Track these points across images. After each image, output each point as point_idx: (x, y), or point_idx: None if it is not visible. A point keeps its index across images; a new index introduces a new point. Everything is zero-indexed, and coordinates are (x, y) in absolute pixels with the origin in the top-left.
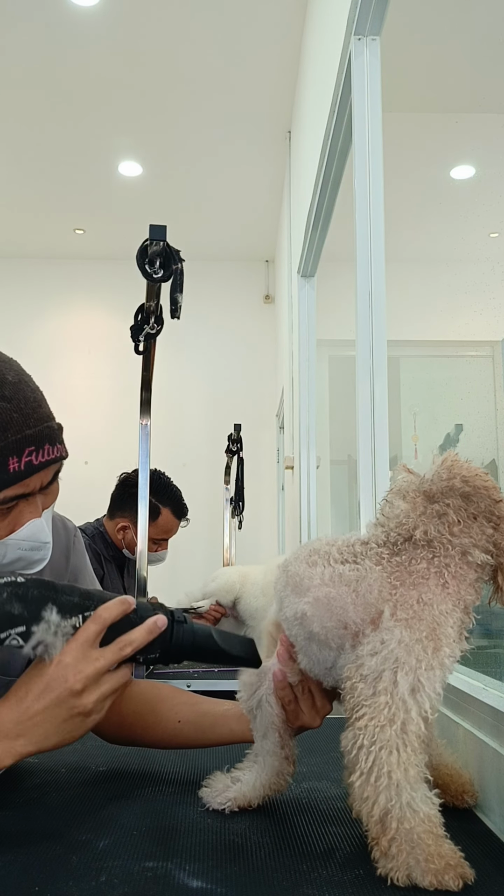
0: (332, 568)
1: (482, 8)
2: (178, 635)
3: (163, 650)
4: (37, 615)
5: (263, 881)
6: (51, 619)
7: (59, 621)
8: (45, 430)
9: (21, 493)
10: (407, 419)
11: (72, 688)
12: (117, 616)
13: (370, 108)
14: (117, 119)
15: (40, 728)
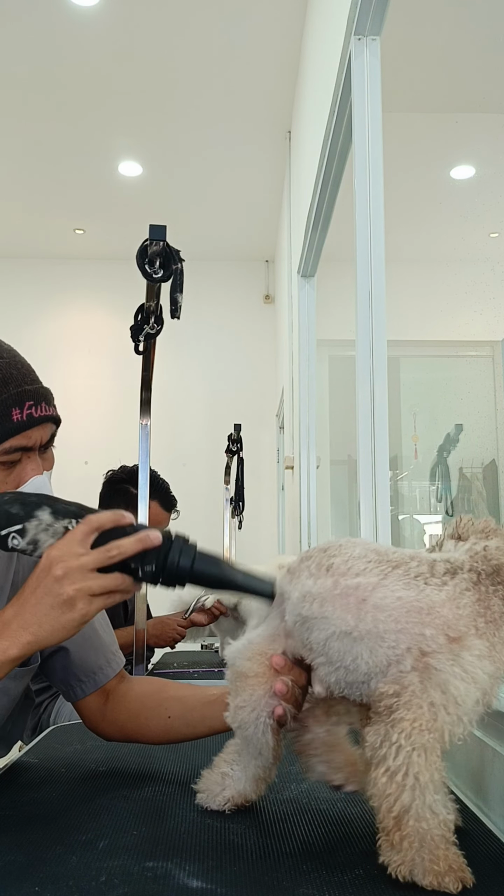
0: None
1: (482, 8)
2: (175, 553)
3: (159, 566)
4: (31, 514)
5: (263, 881)
6: (43, 518)
7: (52, 521)
8: (41, 388)
9: (24, 445)
10: (407, 419)
11: (54, 574)
12: (108, 523)
13: (370, 108)
14: (117, 119)
15: (32, 616)
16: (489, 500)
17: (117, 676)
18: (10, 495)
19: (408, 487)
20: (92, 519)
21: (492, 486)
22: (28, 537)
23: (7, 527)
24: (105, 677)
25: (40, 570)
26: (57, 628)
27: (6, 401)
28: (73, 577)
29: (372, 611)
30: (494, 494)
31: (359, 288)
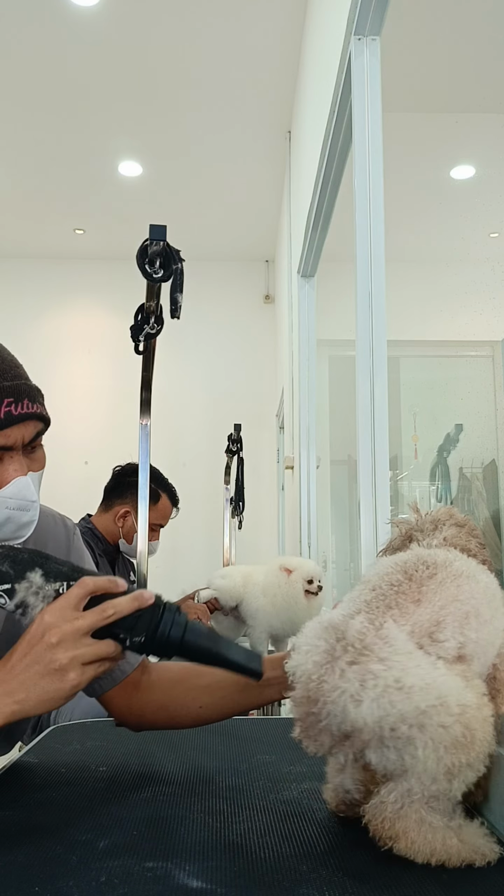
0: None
1: (482, 8)
2: (167, 623)
3: (149, 636)
4: (22, 574)
5: (263, 881)
6: (34, 580)
7: (43, 584)
8: (22, 385)
9: (2, 445)
10: (407, 419)
11: (47, 641)
12: (102, 587)
13: (370, 108)
14: (117, 119)
15: (20, 685)
16: (489, 500)
17: (139, 668)
18: (3, 550)
19: (408, 487)
20: (87, 582)
21: (492, 486)
22: (17, 599)
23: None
24: (122, 673)
25: (31, 636)
26: (45, 699)
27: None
28: (67, 645)
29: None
30: (494, 494)
31: (359, 288)
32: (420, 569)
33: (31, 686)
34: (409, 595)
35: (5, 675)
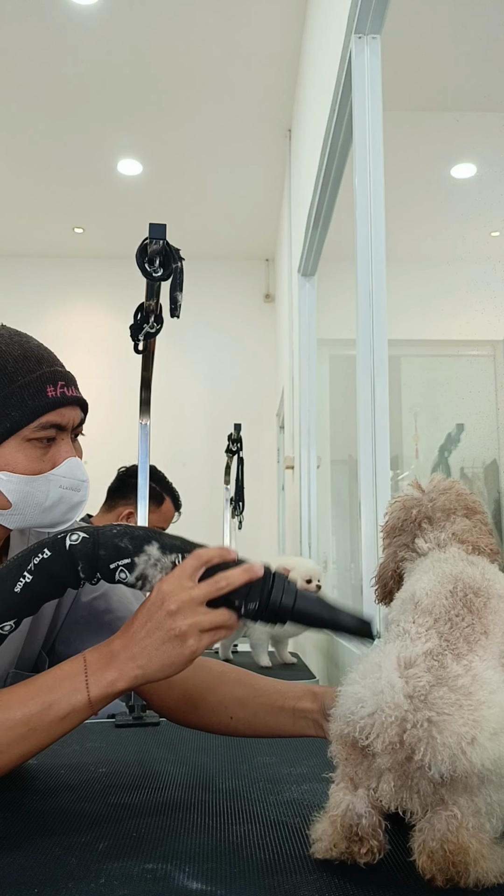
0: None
1: (482, 6)
2: (279, 590)
3: (262, 604)
4: (140, 548)
5: (264, 883)
6: (152, 553)
7: (160, 556)
8: (70, 374)
9: (58, 423)
10: (408, 419)
11: (167, 608)
12: (215, 558)
13: (370, 106)
14: (117, 117)
15: (143, 651)
16: (490, 500)
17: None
18: (119, 528)
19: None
20: (201, 553)
21: (493, 486)
22: (136, 572)
23: (116, 560)
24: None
25: (151, 604)
26: (166, 664)
27: (41, 377)
28: (186, 612)
29: None
30: (496, 494)
31: (359, 287)
32: (471, 598)
33: (152, 652)
34: (476, 628)
35: (128, 641)
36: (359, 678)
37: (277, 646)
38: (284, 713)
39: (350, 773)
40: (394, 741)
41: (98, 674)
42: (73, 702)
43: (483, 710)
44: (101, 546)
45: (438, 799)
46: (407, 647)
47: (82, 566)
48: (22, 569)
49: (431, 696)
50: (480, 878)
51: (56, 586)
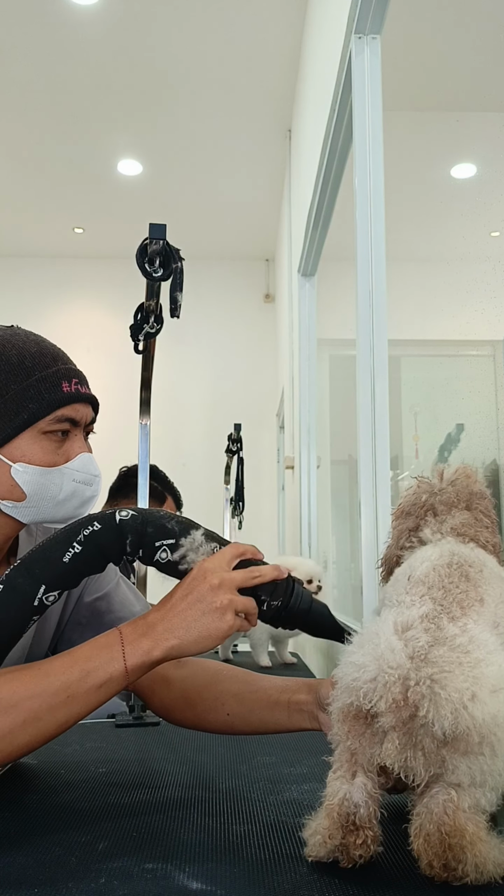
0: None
1: (482, 6)
2: (300, 594)
3: (284, 604)
4: (186, 532)
5: (263, 883)
6: (196, 537)
7: (203, 542)
8: (83, 374)
9: (72, 417)
10: (408, 419)
11: (210, 582)
12: (248, 552)
13: (371, 106)
14: (117, 117)
15: (181, 621)
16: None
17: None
18: (164, 512)
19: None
20: (239, 546)
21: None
22: (179, 552)
23: (162, 539)
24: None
25: (193, 579)
26: (204, 636)
27: (57, 373)
28: (227, 589)
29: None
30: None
31: (359, 287)
32: (466, 568)
33: (192, 622)
34: (471, 594)
35: (166, 612)
36: (357, 648)
37: (277, 646)
38: (280, 707)
39: (352, 748)
40: (398, 699)
41: (135, 644)
42: (111, 670)
43: (482, 668)
44: (149, 524)
45: (440, 760)
46: (402, 613)
47: (131, 539)
48: (71, 540)
49: (431, 654)
50: (479, 864)
51: (101, 559)
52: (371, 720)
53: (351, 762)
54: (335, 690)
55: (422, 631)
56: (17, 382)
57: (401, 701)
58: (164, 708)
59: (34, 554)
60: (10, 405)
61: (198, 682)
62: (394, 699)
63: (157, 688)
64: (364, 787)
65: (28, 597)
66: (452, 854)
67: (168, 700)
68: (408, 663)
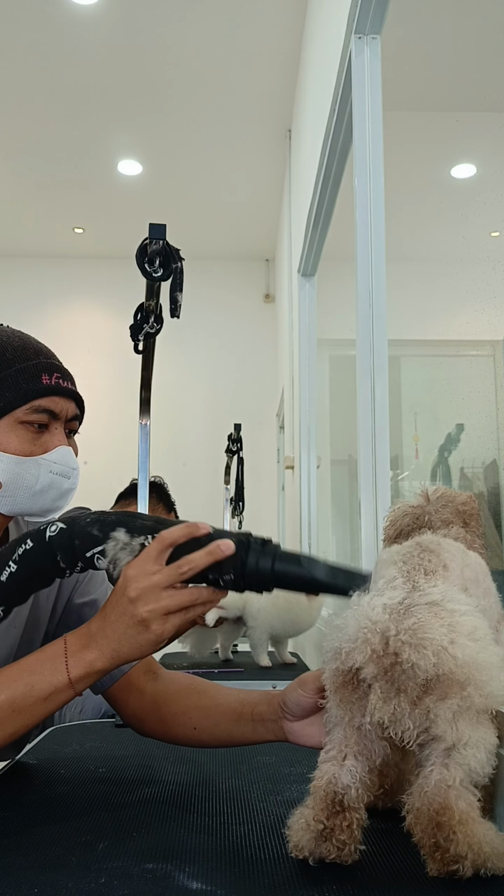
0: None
1: (482, 6)
2: (253, 558)
3: (238, 573)
4: (108, 535)
5: (263, 883)
6: (119, 537)
7: (128, 540)
8: (67, 370)
9: (50, 409)
10: (408, 419)
11: (128, 596)
12: (181, 537)
13: (370, 106)
14: (117, 117)
15: (113, 633)
16: (490, 500)
17: (146, 672)
18: (92, 516)
19: (408, 487)
20: (164, 535)
21: (493, 486)
22: (108, 557)
23: (91, 548)
24: (119, 671)
25: (118, 590)
26: (135, 647)
27: (37, 366)
28: (146, 598)
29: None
30: (495, 495)
31: (359, 287)
32: (426, 543)
33: (121, 636)
34: (434, 562)
35: (102, 623)
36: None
37: (277, 646)
38: (244, 720)
39: (346, 716)
40: (377, 649)
41: (78, 655)
42: (55, 682)
43: (456, 617)
44: (76, 536)
45: (425, 711)
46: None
47: (61, 556)
48: (7, 559)
49: (409, 609)
50: (472, 845)
51: (40, 576)
52: (358, 683)
53: (342, 745)
54: (326, 663)
55: (398, 590)
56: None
57: (380, 650)
58: (136, 719)
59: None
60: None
61: (167, 696)
62: (373, 650)
63: (131, 699)
64: (353, 769)
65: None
66: (442, 833)
67: (140, 711)
68: (386, 617)
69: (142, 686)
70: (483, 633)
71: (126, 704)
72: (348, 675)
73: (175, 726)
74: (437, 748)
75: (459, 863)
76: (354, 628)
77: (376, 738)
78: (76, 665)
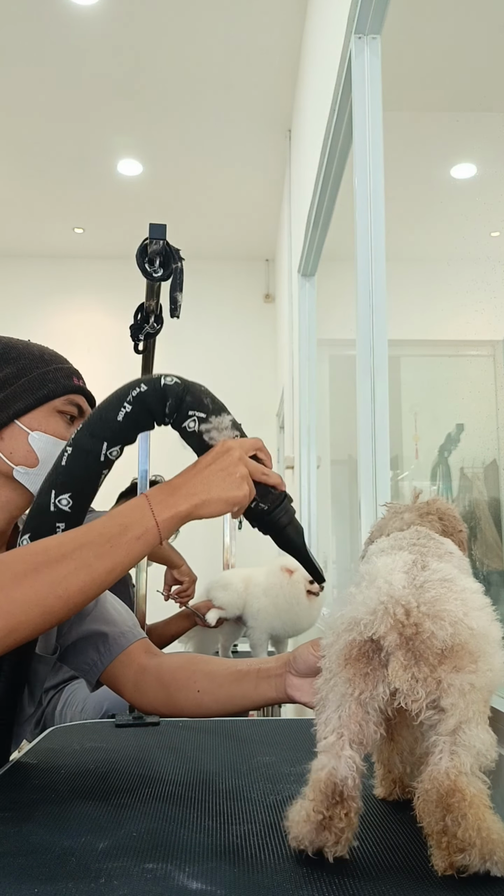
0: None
1: (482, 6)
2: (285, 508)
3: (269, 510)
4: (218, 412)
5: (263, 883)
6: (225, 420)
7: (229, 426)
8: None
9: (80, 405)
10: (408, 419)
11: (234, 455)
12: (264, 450)
13: (370, 106)
14: (117, 118)
15: (204, 484)
16: (490, 500)
17: (146, 652)
18: (205, 388)
19: (408, 487)
20: (259, 441)
21: (493, 486)
22: (206, 426)
23: (194, 409)
24: (119, 647)
25: (216, 453)
26: (223, 498)
27: (69, 369)
28: (246, 465)
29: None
30: (495, 495)
31: (359, 287)
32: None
33: (213, 486)
34: (443, 549)
35: (190, 477)
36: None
37: (277, 646)
38: (248, 677)
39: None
40: (401, 619)
41: (162, 502)
42: (146, 524)
43: (466, 594)
44: (189, 392)
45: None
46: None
47: (171, 402)
48: (122, 401)
49: (425, 584)
50: (482, 829)
51: (148, 417)
52: (373, 655)
53: (341, 728)
54: (328, 638)
55: (415, 567)
56: (38, 368)
57: (403, 620)
58: (138, 691)
59: (92, 417)
60: (33, 383)
61: (173, 665)
62: (396, 619)
63: (132, 673)
64: (351, 760)
65: (96, 454)
66: (451, 816)
67: (142, 683)
68: (407, 592)
69: (143, 663)
70: (490, 610)
71: (127, 679)
72: (364, 646)
73: (179, 690)
74: (444, 730)
75: (467, 851)
76: (375, 601)
77: (375, 714)
78: (161, 510)
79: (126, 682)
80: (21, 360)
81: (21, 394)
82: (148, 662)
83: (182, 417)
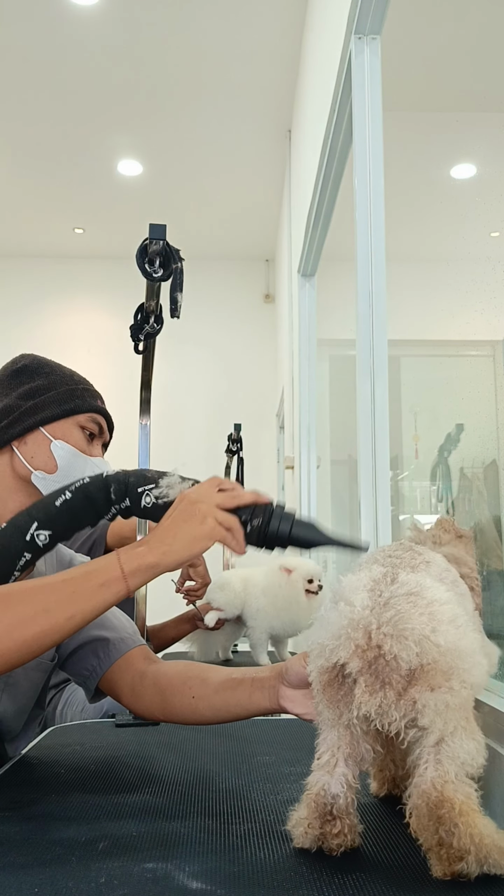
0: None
1: (482, 6)
2: (280, 516)
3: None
4: (161, 475)
5: (263, 883)
6: (174, 478)
7: (180, 480)
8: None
9: (101, 425)
10: (408, 419)
11: (190, 499)
12: (226, 483)
13: (370, 106)
14: (117, 118)
15: (169, 533)
16: (490, 500)
17: (145, 658)
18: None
19: (408, 487)
20: (215, 476)
21: (492, 486)
22: (159, 491)
23: (143, 485)
24: (118, 651)
25: (177, 503)
26: (189, 539)
27: (95, 392)
28: (207, 502)
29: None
30: (495, 494)
31: (359, 287)
32: (411, 546)
33: (177, 532)
34: (417, 559)
35: (155, 531)
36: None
37: (277, 646)
38: (243, 686)
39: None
40: (360, 643)
41: (128, 554)
42: (111, 572)
43: (434, 607)
44: (130, 474)
45: (411, 701)
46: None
47: (115, 487)
48: (64, 490)
49: (389, 602)
50: (474, 836)
51: (89, 507)
52: (343, 679)
53: (334, 748)
54: (309, 664)
55: (383, 581)
56: (67, 385)
57: (364, 644)
58: (134, 695)
59: (36, 502)
60: (61, 396)
61: (169, 671)
62: (356, 644)
63: (129, 678)
64: (343, 777)
65: (22, 530)
66: (444, 827)
67: (139, 687)
68: (367, 612)
69: (142, 669)
70: (463, 620)
71: (125, 684)
72: (333, 672)
73: (174, 696)
74: (427, 743)
75: (464, 859)
76: (337, 625)
77: (364, 735)
78: (128, 560)
79: (123, 686)
80: (53, 375)
81: (49, 404)
82: (146, 668)
83: (135, 498)
